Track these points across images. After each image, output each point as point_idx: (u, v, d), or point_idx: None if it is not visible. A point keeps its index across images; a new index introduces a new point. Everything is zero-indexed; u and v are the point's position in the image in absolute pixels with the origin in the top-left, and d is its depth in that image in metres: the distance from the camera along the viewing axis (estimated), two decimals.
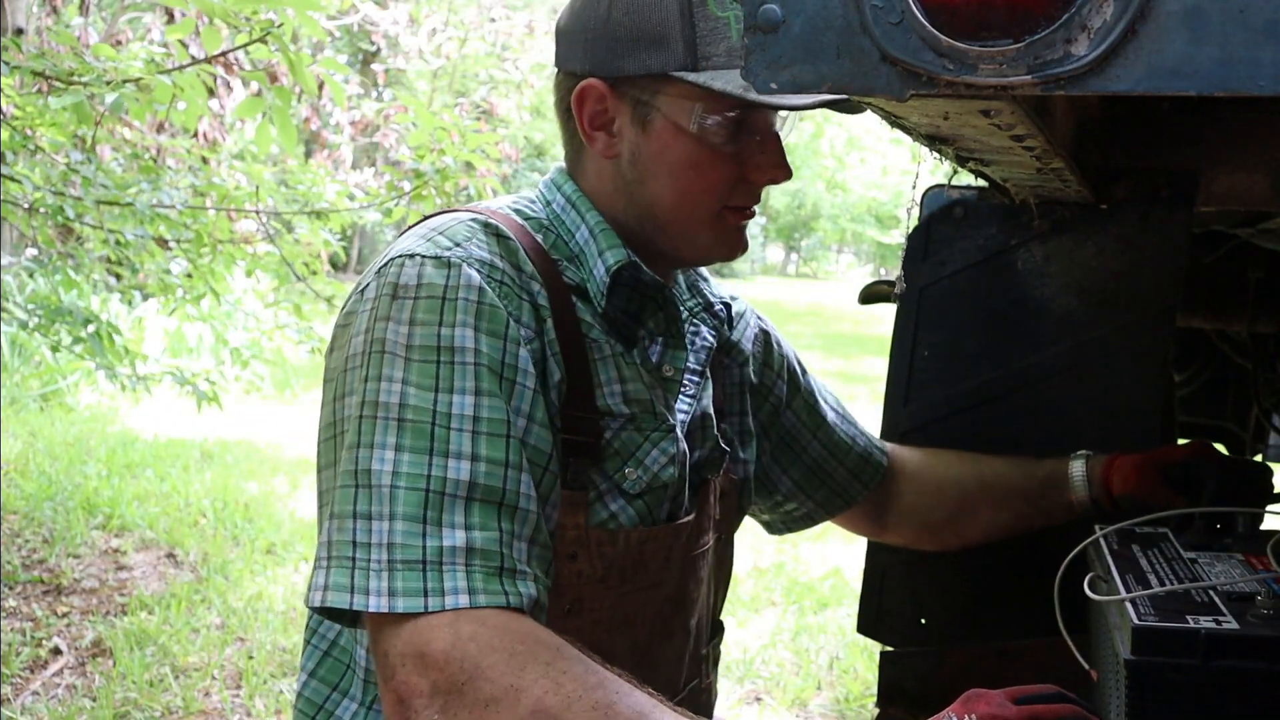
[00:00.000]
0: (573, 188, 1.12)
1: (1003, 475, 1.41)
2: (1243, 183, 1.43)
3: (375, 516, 0.88)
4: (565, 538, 1.01)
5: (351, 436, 0.92)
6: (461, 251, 0.98)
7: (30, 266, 5.40)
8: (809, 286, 31.86)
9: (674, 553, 1.12)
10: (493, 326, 0.95)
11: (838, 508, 1.43)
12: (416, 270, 0.96)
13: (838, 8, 0.76)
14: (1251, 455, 2.52)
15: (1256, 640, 0.86)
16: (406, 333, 0.93)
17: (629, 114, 1.07)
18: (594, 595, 1.04)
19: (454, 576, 0.86)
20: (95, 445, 5.46)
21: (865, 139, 26.76)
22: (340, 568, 0.88)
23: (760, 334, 1.35)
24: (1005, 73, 0.72)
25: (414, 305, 0.94)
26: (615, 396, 1.05)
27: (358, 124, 10.13)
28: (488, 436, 0.91)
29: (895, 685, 1.56)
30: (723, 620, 1.32)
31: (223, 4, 2.83)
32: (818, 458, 1.40)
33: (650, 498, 1.07)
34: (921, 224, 1.57)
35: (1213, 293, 1.99)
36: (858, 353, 13.60)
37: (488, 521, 0.89)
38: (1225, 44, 0.67)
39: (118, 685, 3.00)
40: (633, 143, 1.07)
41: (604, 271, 1.07)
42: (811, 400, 1.40)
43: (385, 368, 0.93)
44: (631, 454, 1.06)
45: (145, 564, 3.99)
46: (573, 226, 1.10)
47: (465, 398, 0.91)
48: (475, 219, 1.03)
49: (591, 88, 1.06)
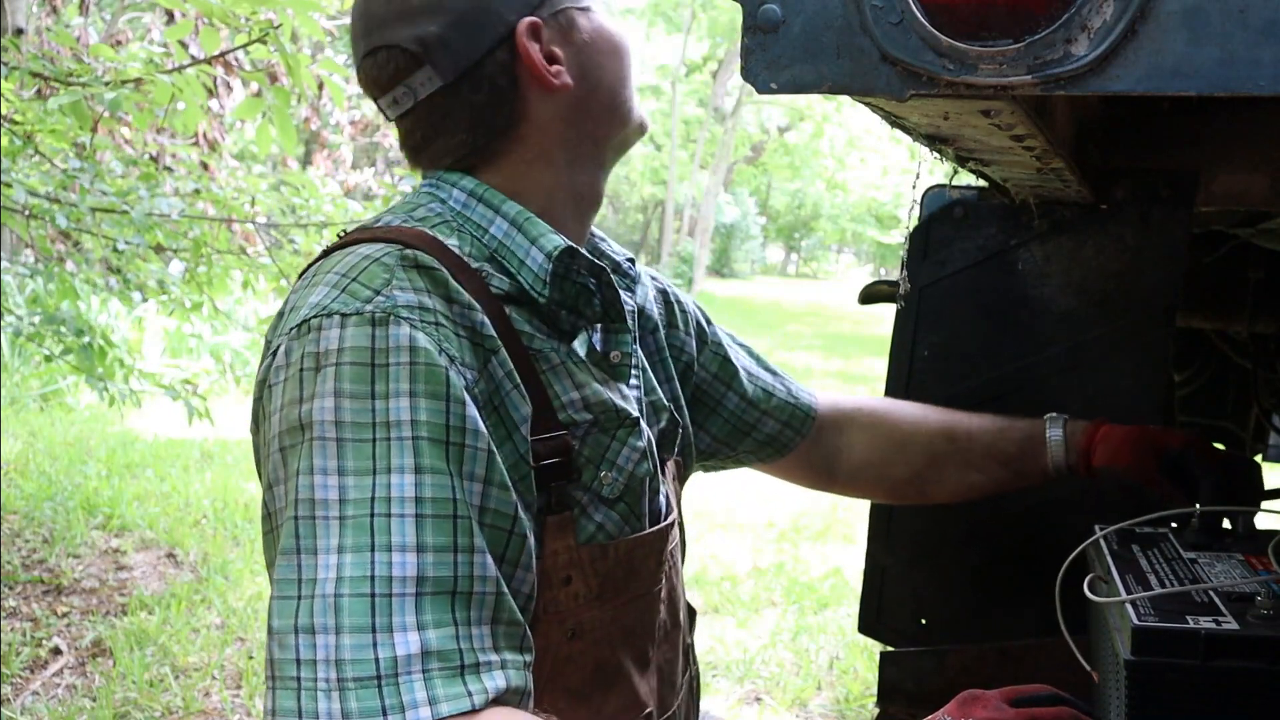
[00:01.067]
0: (473, 182, 1.03)
1: (975, 435, 1.35)
2: (1243, 183, 1.43)
3: (320, 630, 0.79)
4: (558, 562, 0.96)
5: (288, 540, 0.83)
6: (385, 301, 0.86)
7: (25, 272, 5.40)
8: (809, 286, 31.87)
9: (664, 554, 1.10)
10: (431, 388, 0.85)
11: (769, 455, 1.38)
12: (338, 333, 0.85)
13: (838, 8, 0.76)
14: (1251, 455, 2.52)
15: (1256, 640, 0.86)
16: (334, 407, 0.83)
17: (556, 31, 1.03)
18: (593, 614, 1.01)
19: (411, 688, 0.78)
20: (95, 445, 5.46)
21: (865, 139, 26.77)
22: (285, 689, 0.79)
23: (660, 294, 1.28)
24: (1005, 73, 0.72)
25: (338, 374, 0.84)
26: (575, 406, 0.99)
27: (358, 124, 10.13)
28: (433, 520, 0.83)
29: (895, 685, 1.56)
30: (692, 604, 1.29)
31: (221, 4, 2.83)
32: (735, 409, 1.33)
33: (630, 497, 1.03)
34: (921, 224, 1.57)
35: (1213, 293, 1.99)
36: (858, 353, 13.60)
37: (441, 616, 0.81)
38: (1225, 44, 0.67)
39: (118, 685, 3.00)
40: (573, 55, 1.04)
41: (543, 259, 0.99)
42: (721, 352, 1.33)
43: (316, 457, 0.83)
44: (603, 457, 1.01)
45: (145, 564, 3.99)
46: (484, 222, 1.01)
47: (405, 477, 0.82)
48: (389, 253, 0.91)
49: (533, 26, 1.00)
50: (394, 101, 1.03)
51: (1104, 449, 1.28)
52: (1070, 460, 1.31)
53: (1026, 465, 1.33)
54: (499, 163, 1.04)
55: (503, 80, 1.01)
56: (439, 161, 1.04)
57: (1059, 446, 1.31)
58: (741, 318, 17.80)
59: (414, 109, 1.02)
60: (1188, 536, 1.13)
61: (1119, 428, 1.30)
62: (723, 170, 25.64)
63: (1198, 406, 2.44)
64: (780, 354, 13.08)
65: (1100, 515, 1.21)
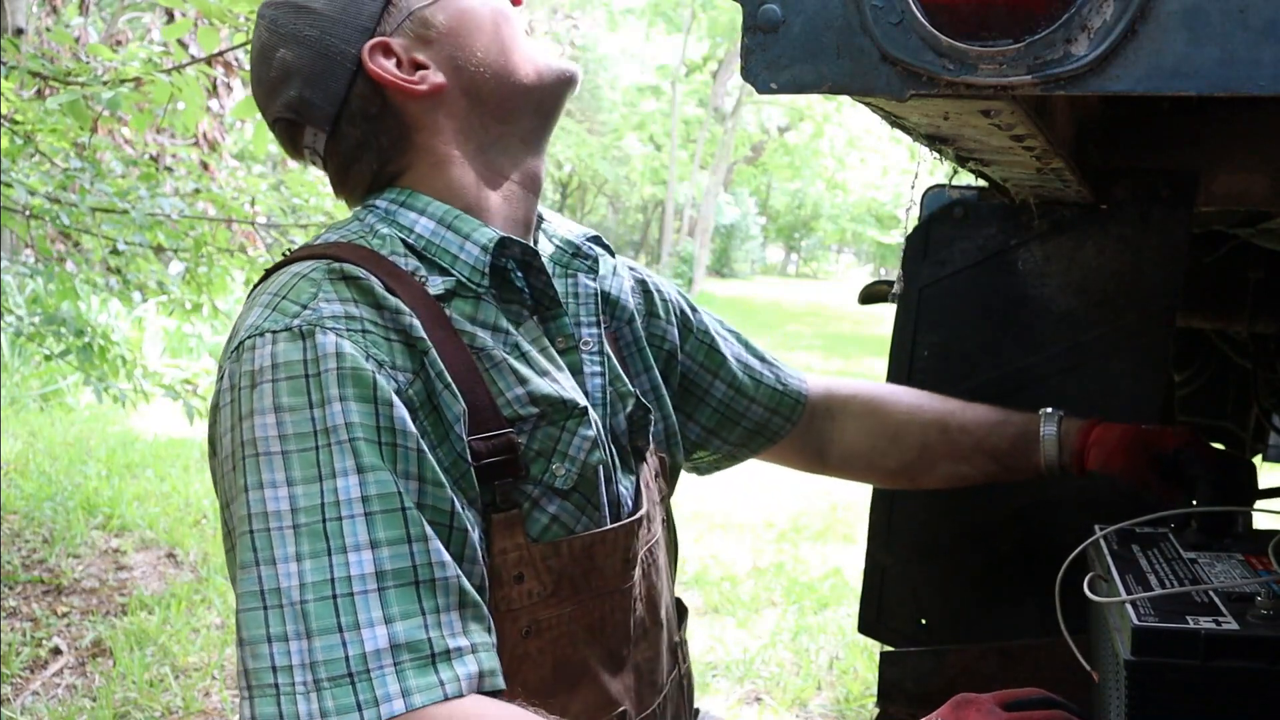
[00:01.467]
0: (395, 191, 1.05)
1: (969, 428, 1.35)
2: (1243, 183, 1.43)
3: (291, 636, 0.82)
4: (508, 560, 0.97)
5: (245, 554, 0.86)
6: (311, 314, 0.90)
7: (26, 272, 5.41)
8: (809, 286, 31.88)
9: (633, 551, 1.09)
10: (360, 391, 0.88)
11: (760, 445, 1.37)
12: (270, 350, 0.89)
13: (838, 8, 0.76)
14: (1251, 455, 2.52)
15: (1256, 640, 0.86)
16: (275, 422, 0.87)
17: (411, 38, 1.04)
18: (550, 612, 1.00)
19: (384, 681, 0.81)
20: (95, 445, 5.46)
21: (865, 139, 26.77)
22: (264, 696, 0.82)
23: (637, 284, 1.27)
24: (1005, 73, 0.72)
25: (275, 390, 0.88)
26: (520, 401, 0.99)
27: None
28: (382, 515, 0.86)
29: (895, 685, 1.56)
30: (683, 601, 1.29)
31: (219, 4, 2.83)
32: (724, 398, 1.33)
33: (585, 487, 1.03)
34: (921, 224, 1.57)
35: (1213, 293, 1.99)
36: (858, 353, 13.61)
37: (408, 607, 0.84)
38: (1225, 44, 0.67)
39: (118, 685, 3.00)
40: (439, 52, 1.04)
41: (479, 252, 1.01)
42: (707, 340, 1.33)
43: (264, 471, 0.86)
44: (554, 449, 1.01)
45: (145, 564, 3.99)
46: (410, 224, 1.03)
47: (350, 479, 0.86)
48: (317, 268, 0.95)
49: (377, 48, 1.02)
50: (309, 160, 1.10)
51: (1097, 452, 1.27)
52: (1063, 459, 1.30)
53: (1018, 461, 1.32)
54: (412, 174, 1.07)
55: (374, 108, 1.04)
56: (358, 191, 1.09)
57: (1052, 444, 1.30)
58: (741, 318, 17.80)
59: (323, 160, 1.08)
60: (1188, 536, 1.13)
61: (1113, 428, 1.28)
62: (723, 170, 25.64)
63: (1198, 406, 2.44)
64: (780, 354, 13.04)
65: (1100, 515, 1.21)
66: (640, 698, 1.11)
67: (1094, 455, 1.28)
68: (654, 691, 1.14)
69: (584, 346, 1.11)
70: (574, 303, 1.13)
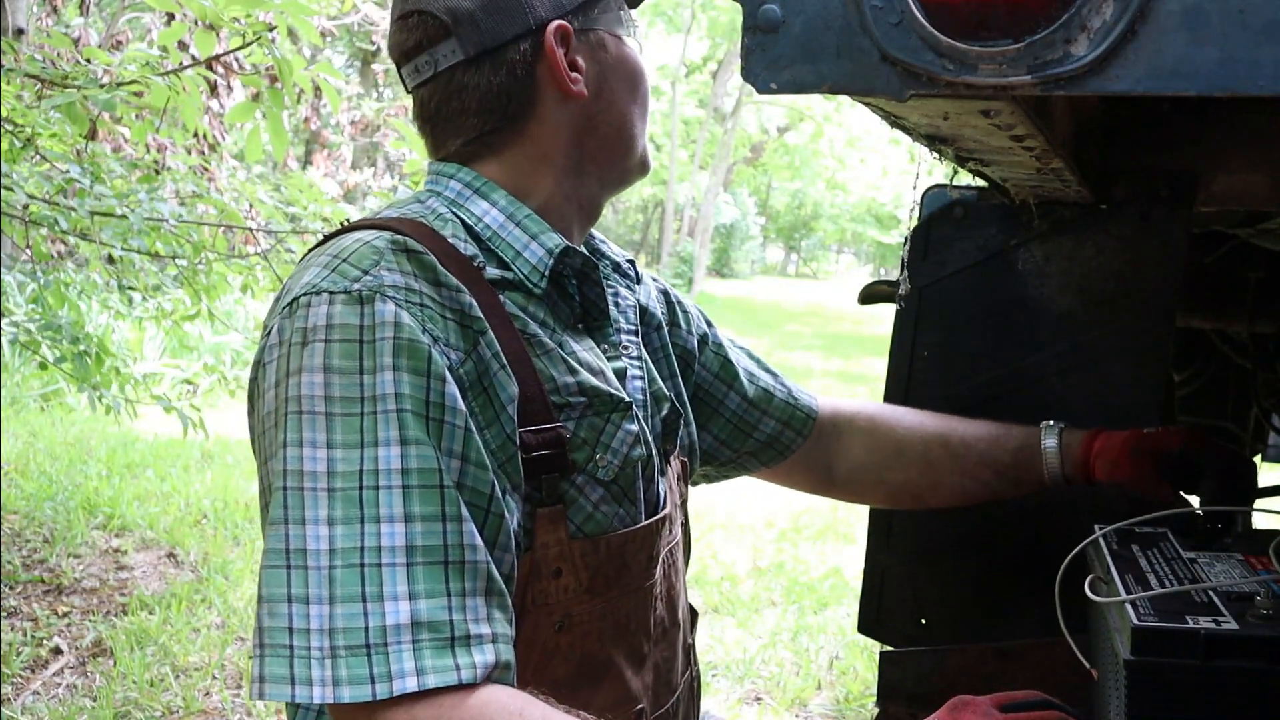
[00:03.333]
0: (470, 174, 1.05)
1: (970, 442, 1.35)
2: (1243, 183, 1.43)
3: (313, 600, 0.82)
4: (549, 554, 0.97)
5: (276, 510, 0.85)
6: (372, 280, 0.89)
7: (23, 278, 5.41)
8: (809, 286, 31.86)
9: (657, 549, 1.10)
10: (414, 363, 0.87)
11: (771, 458, 1.38)
12: (325, 309, 0.88)
13: (838, 8, 0.76)
14: (1251, 455, 2.52)
15: (1256, 640, 0.86)
16: (323, 383, 0.86)
17: (586, 43, 1.07)
18: (582, 607, 1.01)
19: (400, 658, 0.80)
20: (95, 445, 5.46)
21: (865, 139, 26.76)
22: (276, 657, 0.81)
23: (661, 294, 1.31)
24: (1005, 73, 0.72)
25: (327, 350, 0.86)
26: (569, 389, 1.00)
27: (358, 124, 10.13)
28: (420, 490, 0.85)
29: (895, 685, 1.55)
30: (693, 605, 1.30)
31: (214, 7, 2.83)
32: (737, 409, 1.35)
33: (624, 480, 1.04)
34: (921, 224, 1.57)
35: (1213, 293, 1.99)
36: (858, 353, 13.61)
37: (434, 586, 0.83)
38: (1225, 44, 0.67)
39: (118, 685, 3.00)
40: (595, 72, 1.07)
41: (544, 255, 1.02)
42: (722, 353, 1.35)
43: (305, 430, 0.85)
44: (598, 439, 1.02)
45: (146, 564, 3.99)
46: (479, 212, 1.03)
47: (391, 449, 0.85)
48: (381, 237, 0.94)
49: (561, 30, 1.03)
50: (415, 70, 1.06)
51: (1103, 463, 1.28)
52: (1067, 471, 1.31)
53: (1022, 474, 1.33)
54: (502, 155, 1.06)
55: (521, 70, 1.03)
56: (448, 138, 1.07)
57: (1054, 456, 1.31)
58: (741, 318, 17.80)
59: (433, 79, 1.05)
60: (1193, 535, 1.13)
61: (1115, 436, 1.29)
62: (722, 170, 25.64)
63: (1198, 406, 2.44)
64: (780, 354, 13.08)
65: (1100, 515, 1.21)
66: (657, 696, 1.12)
67: (1100, 466, 1.28)
68: (669, 691, 1.15)
69: (625, 351, 1.13)
70: (615, 311, 1.16)
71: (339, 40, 13.25)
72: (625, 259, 1.22)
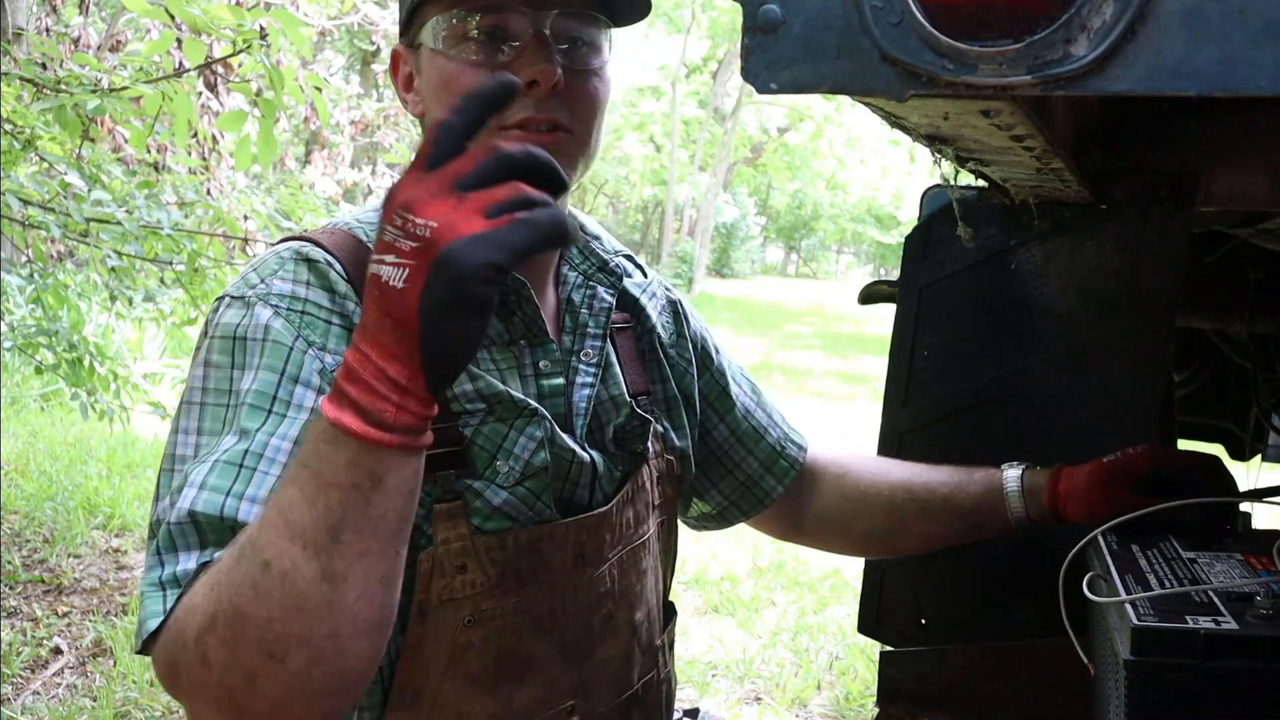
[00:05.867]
0: None
1: (933, 488, 1.34)
2: (1243, 183, 1.43)
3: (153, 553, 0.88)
4: (451, 550, 0.99)
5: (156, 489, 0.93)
6: (263, 288, 0.97)
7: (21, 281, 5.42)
8: (809, 286, 31.87)
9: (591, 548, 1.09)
10: (270, 362, 0.94)
11: (750, 506, 1.38)
12: (221, 311, 0.98)
13: (838, 8, 0.76)
14: (1251, 455, 2.52)
15: (1256, 640, 0.86)
16: (203, 375, 0.95)
17: (415, 61, 1.08)
18: (493, 603, 1.02)
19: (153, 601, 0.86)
20: (95, 445, 5.46)
21: (865, 139, 26.76)
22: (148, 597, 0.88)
23: (669, 304, 1.30)
24: (1005, 73, 0.72)
25: (209, 347, 0.96)
26: (467, 397, 1.02)
27: (358, 124, 10.13)
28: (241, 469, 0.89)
29: (895, 685, 1.55)
30: (674, 603, 1.29)
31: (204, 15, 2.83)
32: (722, 442, 1.34)
33: (532, 484, 1.04)
34: (921, 224, 1.58)
35: (1213, 293, 1.99)
36: (858, 353, 13.61)
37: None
38: (1225, 44, 0.67)
39: (118, 685, 3.00)
40: (423, 89, 1.08)
41: None
42: (722, 381, 1.35)
43: (184, 418, 0.94)
44: (499, 446, 1.03)
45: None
46: None
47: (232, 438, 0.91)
48: (290, 248, 1.01)
49: (396, 53, 1.11)
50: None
51: (1075, 506, 1.25)
52: (1032, 514, 1.28)
53: (985, 520, 1.31)
54: None
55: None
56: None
57: (1017, 501, 1.29)
58: (741, 318, 17.80)
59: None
60: (1189, 536, 1.13)
61: (1078, 472, 1.26)
62: (722, 171, 25.64)
63: (1198, 406, 2.44)
64: (780, 354, 13.09)
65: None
66: (596, 694, 1.12)
67: (1072, 509, 1.25)
68: (615, 691, 1.15)
69: (583, 358, 1.13)
70: (586, 313, 1.15)
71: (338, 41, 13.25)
72: (617, 258, 1.21)
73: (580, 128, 1.04)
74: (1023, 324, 1.50)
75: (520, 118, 1.00)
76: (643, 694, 1.19)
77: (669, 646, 1.27)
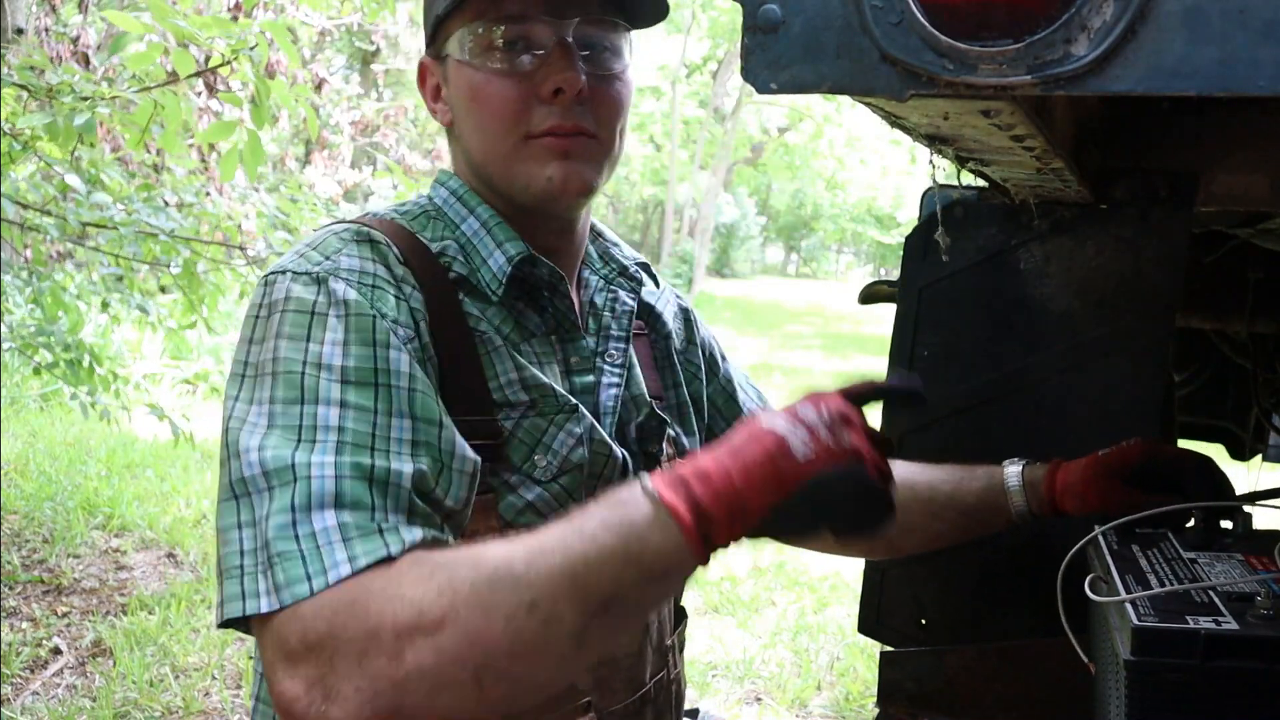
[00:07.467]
0: (457, 183, 1.13)
1: (936, 486, 1.36)
2: (1243, 183, 1.43)
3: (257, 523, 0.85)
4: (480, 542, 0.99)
5: (223, 452, 0.91)
6: (330, 264, 0.98)
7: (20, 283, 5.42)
8: (809, 286, 31.88)
9: None
10: (360, 335, 0.93)
11: None
12: (285, 287, 0.96)
13: (838, 8, 0.76)
14: (1251, 455, 2.52)
15: (1256, 640, 0.86)
16: (273, 348, 0.93)
17: (442, 72, 1.10)
18: None
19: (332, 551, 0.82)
20: (95, 445, 5.47)
21: (865, 139, 26.75)
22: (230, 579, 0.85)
23: (680, 311, 1.32)
24: (1005, 73, 0.72)
25: (280, 320, 0.94)
26: (512, 386, 1.03)
27: (358, 124, 10.14)
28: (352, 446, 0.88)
29: (895, 685, 1.56)
30: (684, 606, 1.29)
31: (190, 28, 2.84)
32: None
33: (566, 481, 1.05)
34: (921, 224, 1.58)
35: (1213, 293, 1.99)
36: (858, 353, 13.61)
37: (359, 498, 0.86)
38: (1225, 44, 0.67)
39: (118, 685, 3.00)
40: (452, 100, 1.10)
41: (504, 262, 1.07)
42: (729, 388, 1.36)
43: (257, 390, 0.92)
44: (538, 440, 1.04)
45: (145, 564, 4.00)
46: (457, 219, 1.10)
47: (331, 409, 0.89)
48: (348, 229, 1.03)
49: (423, 65, 1.13)
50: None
51: (1071, 499, 1.27)
52: (1033, 507, 1.30)
53: (987, 515, 1.33)
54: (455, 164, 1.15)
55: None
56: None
57: (1018, 495, 1.30)
58: (741, 318, 17.81)
59: None
60: (1189, 536, 1.13)
61: (1073, 466, 1.28)
62: (723, 171, 25.64)
63: (1197, 406, 2.44)
64: (780, 354, 13.09)
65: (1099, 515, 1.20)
66: (611, 691, 1.12)
67: (1069, 502, 1.27)
68: (630, 688, 1.15)
69: (608, 359, 1.15)
70: (609, 315, 1.17)
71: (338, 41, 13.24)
72: (635, 264, 1.24)
73: (605, 132, 1.07)
74: (1023, 324, 1.50)
75: (547, 125, 1.03)
76: (654, 693, 1.20)
77: (679, 648, 1.28)
